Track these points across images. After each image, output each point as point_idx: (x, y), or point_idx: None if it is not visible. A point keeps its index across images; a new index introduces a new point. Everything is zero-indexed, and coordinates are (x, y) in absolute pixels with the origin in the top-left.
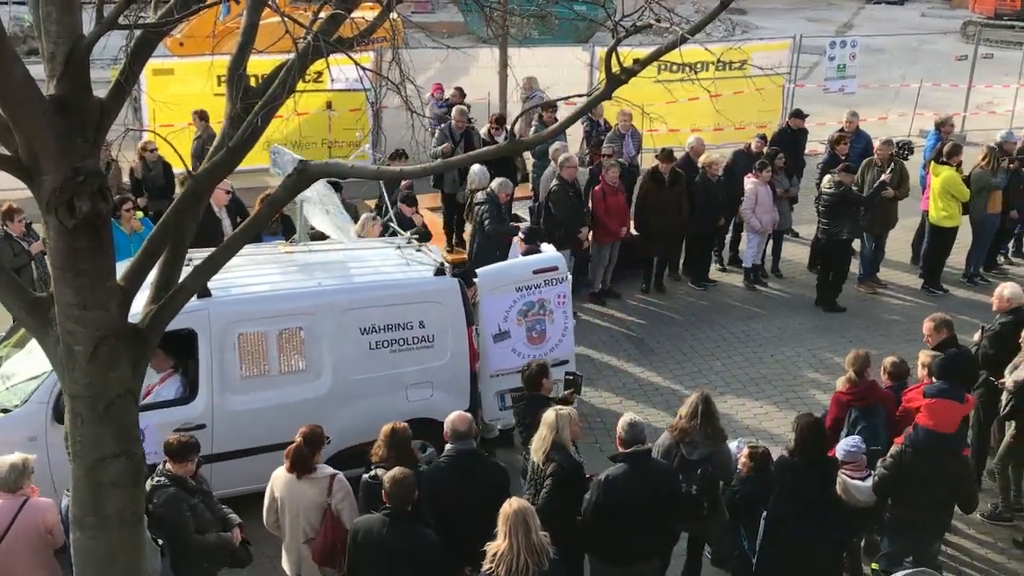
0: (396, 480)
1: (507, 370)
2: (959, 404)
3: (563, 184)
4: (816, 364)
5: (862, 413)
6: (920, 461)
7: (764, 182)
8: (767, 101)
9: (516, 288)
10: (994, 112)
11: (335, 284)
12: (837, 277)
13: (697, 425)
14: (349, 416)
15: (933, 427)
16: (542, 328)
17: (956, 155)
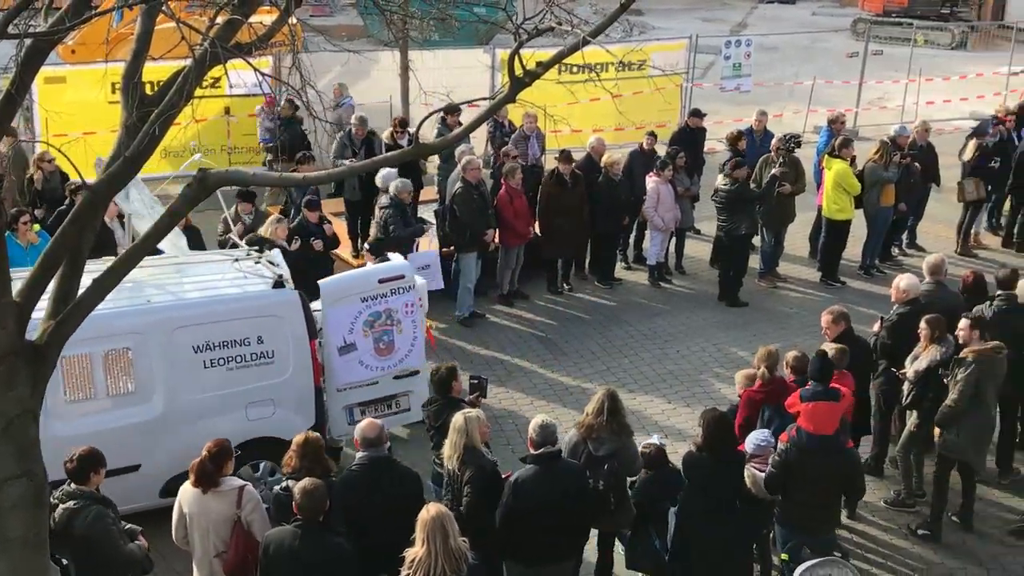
0: (307, 491)
1: (354, 383)
2: (835, 404)
3: (468, 186)
4: (721, 359)
5: (775, 411)
6: (806, 461)
7: (665, 181)
8: (666, 101)
9: (361, 299)
10: (885, 107)
11: (166, 301)
12: (737, 273)
13: (603, 421)
14: (185, 438)
15: (813, 430)
16: (390, 339)
17: (847, 149)
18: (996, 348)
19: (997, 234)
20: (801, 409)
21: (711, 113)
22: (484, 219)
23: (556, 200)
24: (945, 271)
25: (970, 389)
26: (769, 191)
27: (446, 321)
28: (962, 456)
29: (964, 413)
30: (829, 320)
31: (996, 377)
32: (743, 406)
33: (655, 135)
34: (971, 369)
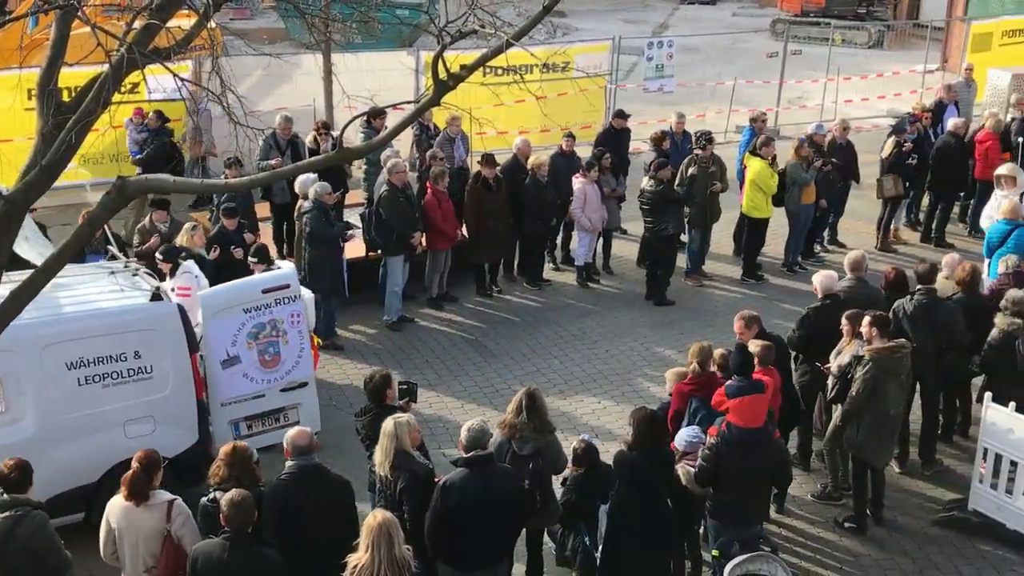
0: (234, 502)
1: (239, 397)
2: (761, 395)
3: (394, 190)
4: (649, 358)
5: (702, 403)
6: (736, 454)
7: (592, 182)
8: (590, 102)
9: (244, 310)
10: (804, 106)
11: (35, 316)
12: (665, 272)
13: (525, 420)
14: (61, 459)
15: (743, 424)
16: (276, 350)
17: (768, 148)
18: (894, 347)
19: (916, 229)
20: (729, 405)
21: (635, 114)
22: (411, 222)
23: (483, 204)
24: (866, 267)
25: (868, 387)
26: (690, 192)
27: (374, 326)
28: (858, 453)
29: (862, 411)
30: (741, 325)
31: (896, 375)
32: (674, 399)
33: (573, 136)
34: (868, 367)
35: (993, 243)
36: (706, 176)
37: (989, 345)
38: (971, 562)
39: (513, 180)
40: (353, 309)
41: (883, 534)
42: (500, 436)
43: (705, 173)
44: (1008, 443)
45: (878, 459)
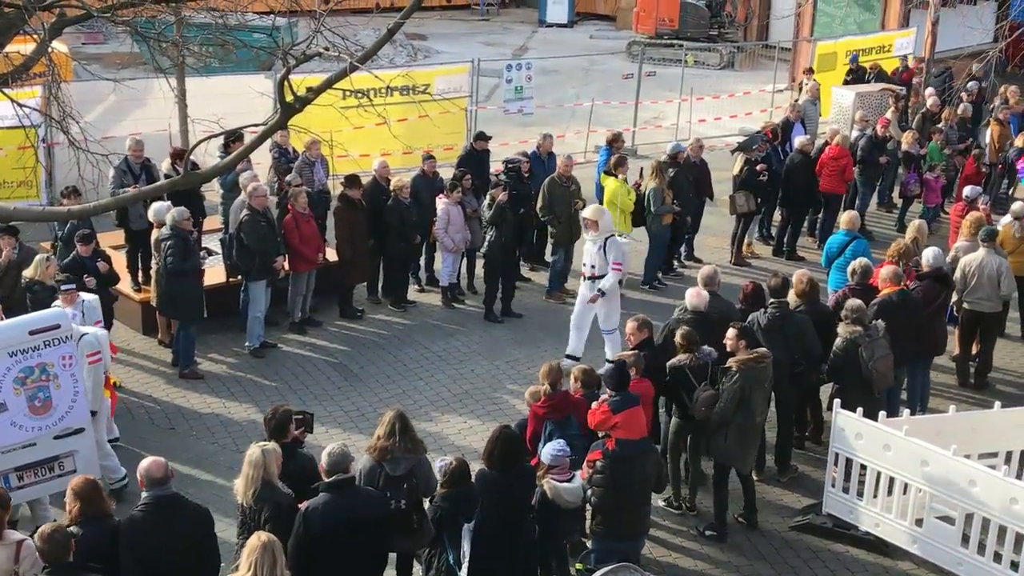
0: (45, 536)
1: (7, 447)
2: (639, 407)
3: (254, 213)
4: (515, 376)
5: (556, 426)
6: (627, 468)
7: (454, 202)
8: (452, 124)
9: (10, 353)
10: (660, 126)
11: None
12: (506, 287)
13: (396, 442)
14: None
15: (632, 436)
16: (46, 395)
17: (623, 167)
18: (759, 357)
19: (768, 243)
20: (616, 421)
21: (497, 135)
22: (272, 245)
23: (349, 224)
24: (719, 281)
25: (736, 396)
26: (499, 215)
27: (235, 353)
28: (728, 460)
29: (731, 420)
30: (634, 327)
31: (761, 384)
32: (530, 420)
33: (433, 158)
34: (736, 378)
35: (832, 253)
36: (567, 195)
37: (834, 354)
38: (826, 564)
39: (374, 202)
40: (213, 336)
41: (742, 541)
42: (370, 460)
43: (567, 192)
44: (857, 448)
45: (744, 465)
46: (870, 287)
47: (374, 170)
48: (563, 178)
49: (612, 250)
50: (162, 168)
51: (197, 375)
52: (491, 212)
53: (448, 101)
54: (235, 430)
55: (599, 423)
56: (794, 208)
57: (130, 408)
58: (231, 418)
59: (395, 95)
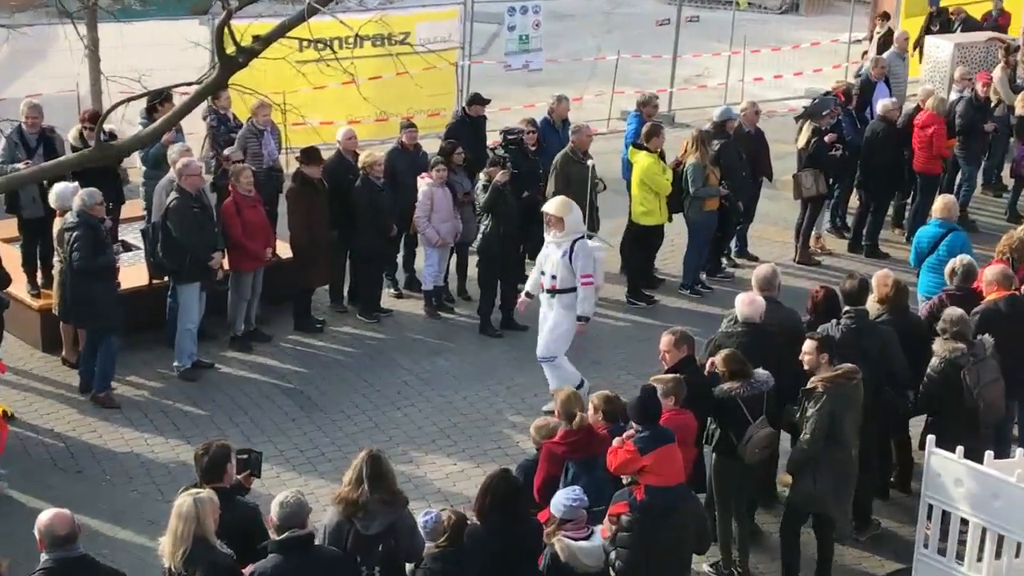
0: None
1: None
2: (674, 444)
3: (185, 198)
4: (518, 404)
5: (582, 467)
6: (660, 524)
7: (440, 183)
8: (438, 83)
9: None
10: (704, 86)
11: None
12: (506, 292)
13: (366, 492)
14: None
15: (665, 483)
16: None
17: (657, 139)
18: (848, 373)
19: (843, 236)
20: (645, 464)
21: (496, 98)
22: (208, 238)
23: (311, 212)
24: (779, 284)
25: (824, 425)
26: (496, 200)
27: (161, 376)
28: (820, 508)
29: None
30: (670, 342)
31: (853, 408)
32: (543, 461)
33: (414, 127)
34: (823, 401)
35: (924, 249)
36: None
37: (928, 378)
38: None
39: (338, 183)
40: (132, 354)
41: None
42: (336, 514)
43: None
44: (956, 498)
45: (843, 511)
46: (973, 292)
47: (338, 141)
48: (580, 153)
49: (580, 257)
50: (68, 139)
51: (112, 403)
52: (487, 196)
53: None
54: (160, 474)
55: (622, 465)
56: (875, 191)
57: (25, 445)
58: (155, 458)
59: (366, 46)
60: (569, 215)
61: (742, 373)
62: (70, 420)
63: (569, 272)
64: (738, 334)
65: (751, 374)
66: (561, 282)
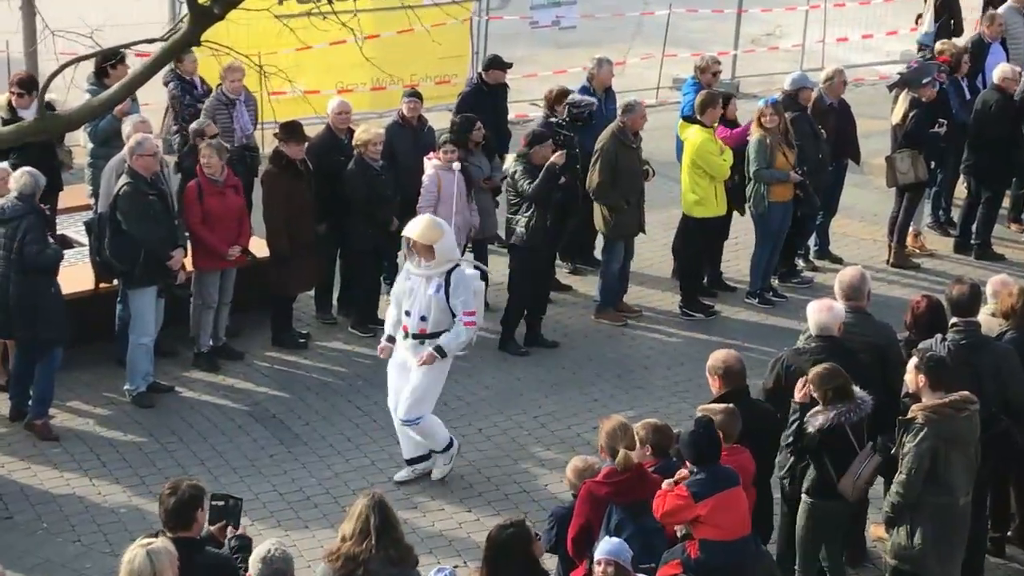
0: None
1: None
2: (738, 488)
3: (138, 182)
4: (547, 438)
5: (628, 514)
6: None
7: (450, 166)
8: (449, 43)
9: None
10: (776, 48)
11: None
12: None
13: (371, 547)
14: None
15: (724, 536)
16: None
17: (713, 109)
18: (958, 403)
19: (948, 233)
20: (700, 513)
21: (519, 62)
22: (166, 232)
23: (291, 200)
24: (868, 292)
25: (924, 466)
26: (544, 185)
27: (109, 401)
28: (918, 568)
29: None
30: (719, 366)
31: (963, 445)
32: (581, 504)
33: (419, 96)
34: (923, 435)
35: None
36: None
37: None
38: None
39: (327, 165)
40: (75, 374)
41: None
42: (329, 573)
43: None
44: None
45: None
46: None
47: (328, 114)
48: (632, 135)
49: (461, 291)
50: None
51: (50, 434)
52: (539, 182)
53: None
54: (108, 521)
55: (671, 512)
56: (987, 177)
57: None
58: (102, 502)
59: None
60: (441, 240)
61: (844, 392)
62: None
63: (444, 311)
64: (811, 350)
65: (853, 393)
66: (434, 324)
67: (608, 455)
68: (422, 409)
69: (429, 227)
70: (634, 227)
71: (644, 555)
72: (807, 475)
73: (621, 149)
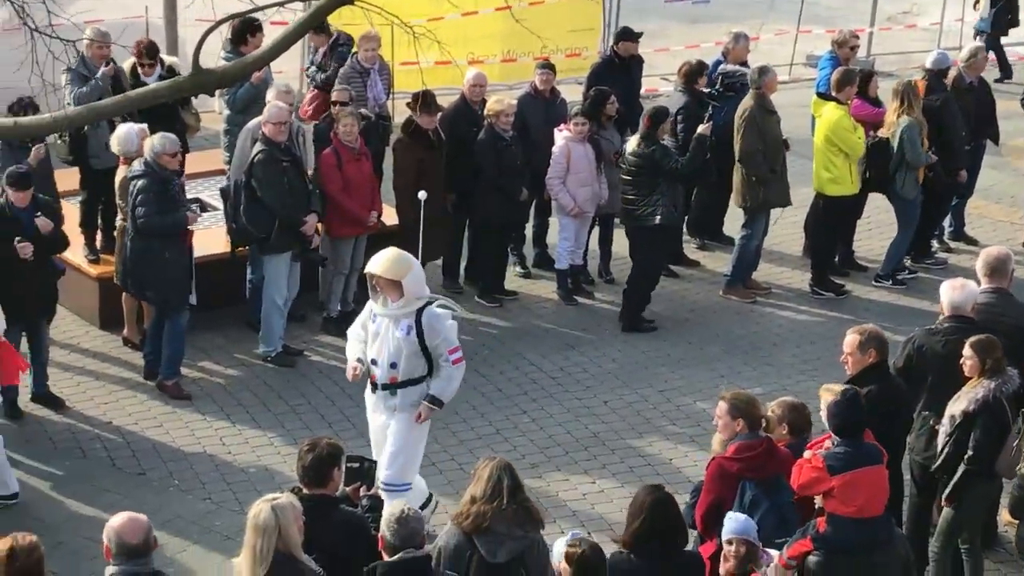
0: None
1: None
2: (880, 467)
3: (272, 149)
4: (672, 412)
5: (763, 490)
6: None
7: (581, 139)
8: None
9: None
10: (914, 25)
11: None
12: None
13: (502, 507)
14: None
15: (856, 514)
16: None
17: (850, 87)
18: None
19: None
20: (833, 486)
21: (650, 36)
22: (300, 198)
23: (423, 171)
24: (1011, 272)
25: None
26: (695, 163)
27: (242, 362)
28: None
29: None
30: (855, 343)
31: None
32: (711, 480)
33: (551, 68)
34: None
35: None
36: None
37: None
38: None
39: (459, 135)
40: (208, 336)
41: None
42: (457, 533)
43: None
44: None
45: None
46: None
47: (465, 85)
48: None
49: (439, 330)
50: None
51: (181, 393)
52: (691, 155)
53: None
54: (237, 479)
55: (806, 484)
56: None
57: (79, 439)
58: (232, 461)
59: None
60: (408, 275)
61: (1000, 366)
62: (132, 412)
63: (416, 356)
64: (944, 330)
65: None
66: (406, 372)
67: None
68: (408, 475)
69: (395, 261)
70: (779, 198)
71: (779, 530)
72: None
73: (765, 116)
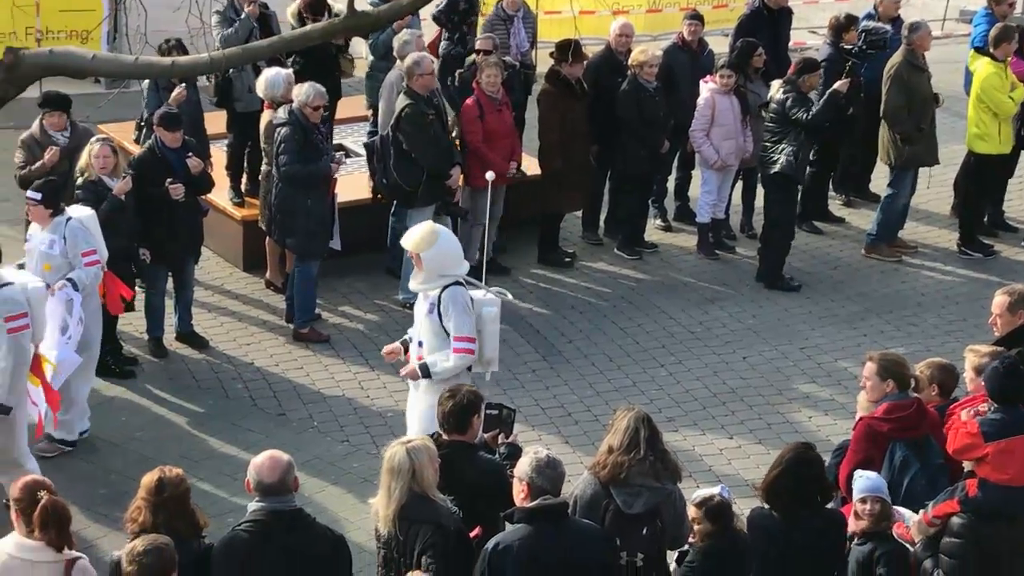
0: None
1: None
2: None
3: (418, 103)
4: (812, 370)
5: (914, 451)
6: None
7: (727, 91)
8: None
9: None
10: None
11: None
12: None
13: (639, 458)
14: None
15: (1009, 481)
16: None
17: (1007, 43)
18: None
19: None
20: (988, 452)
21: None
22: (445, 150)
23: (567, 121)
24: None
25: None
26: (826, 115)
27: (380, 307)
28: None
29: None
30: (1005, 303)
31: None
32: (858, 440)
33: (700, 18)
34: None
35: None
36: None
37: None
38: None
39: (603, 86)
40: (346, 280)
41: None
42: (594, 484)
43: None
44: None
45: None
46: None
47: (611, 34)
48: (921, 57)
49: (451, 312)
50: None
51: (320, 336)
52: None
53: None
54: (375, 423)
55: (961, 449)
56: None
57: (221, 379)
58: (370, 405)
59: None
60: (430, 250)
61: None
62: (273, 353)
63: (439, 336)
64: None
65: None
66: (429, 351)
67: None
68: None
69: (421, 234)
70: (927, 156)
71: (929, 491)
72: None
73: (912, 72)
